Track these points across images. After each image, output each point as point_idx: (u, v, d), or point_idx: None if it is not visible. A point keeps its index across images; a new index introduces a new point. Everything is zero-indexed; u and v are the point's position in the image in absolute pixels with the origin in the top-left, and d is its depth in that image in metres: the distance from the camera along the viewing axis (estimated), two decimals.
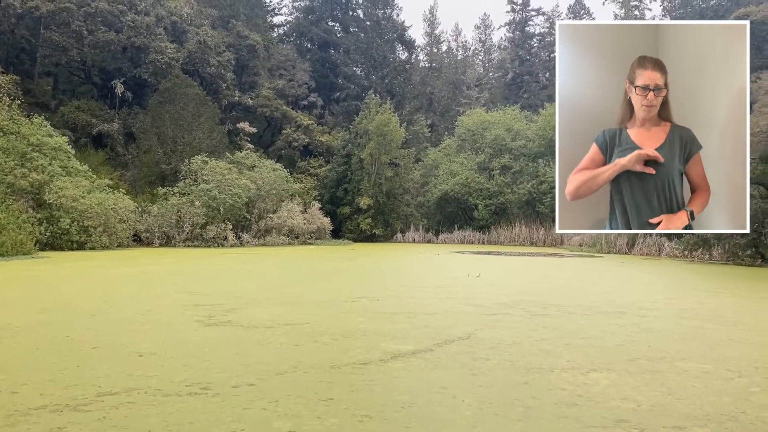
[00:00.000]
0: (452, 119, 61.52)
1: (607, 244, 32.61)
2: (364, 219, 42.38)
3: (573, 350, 6.63)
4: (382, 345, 6.73)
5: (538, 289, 13.17)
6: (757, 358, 6.41)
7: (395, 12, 60.36)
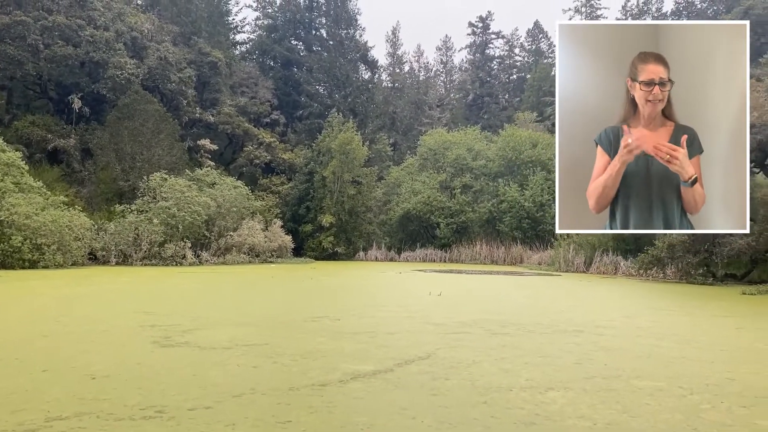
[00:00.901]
0: (414, 138, 62.06)
1: (565, 262, 33.13)
2: (327, 237, 42.21)
3: (531, 369, 6.70)
4: (342, 365, 6.69)
5: (498, 308, 13.29)
6: (708, 375, 6.58)
7: (358, 32, 60.87)
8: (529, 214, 43.90)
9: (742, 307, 14.62)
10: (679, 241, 22.43)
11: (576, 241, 33.94)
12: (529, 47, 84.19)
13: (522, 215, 44.02)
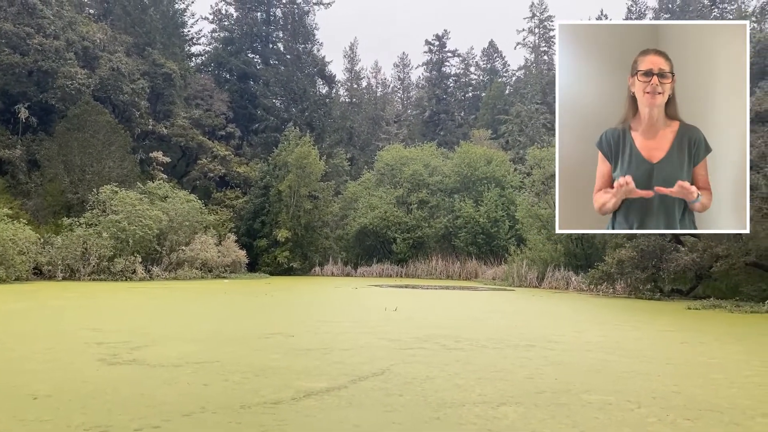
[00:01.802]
0: (372, 153, 62.27)
1: (518, 277, 33.62)
2: (282, 252, 41.80)
3: (484, 384, 6.75)
4: (295, 383, 6.61)
5: (453, 323, 13.36)
6: (655, 388, 6.75)
7: (315, 47, 60.92)
8: (483, 229, 44.45)
9: (687, 322, 15.09)
10: (627, 257, 23.03)
11: (529, 257, 34.51)
12: (484, 66, 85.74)
13: (477, 231, 44.53)
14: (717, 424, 5.28)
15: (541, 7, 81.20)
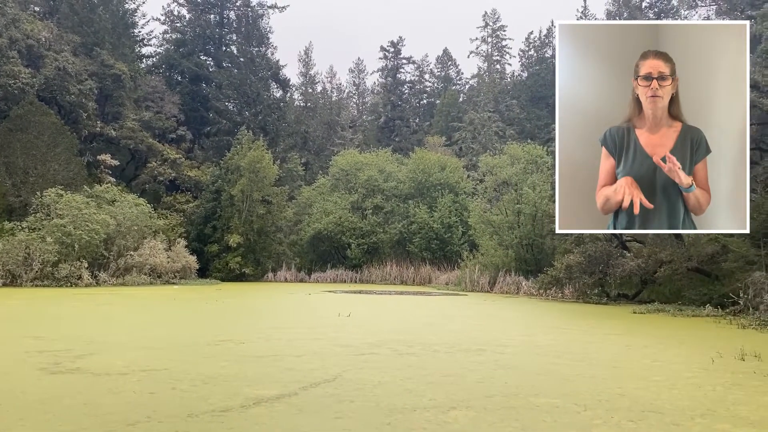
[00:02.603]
0: (327, 158, 62.07)
1: (471, 282, 34.01)
2: (234, 257, 41.20)
3: (435, 388, 6.79)
4: (244, 390, 6.52)
5: (406, 328, 13.41)
6: (601, 391, 6.91)
7: (270, 50, 60.47)
8: (437, 235, 44.82)
9: (633, 326, 15.52)
10: (575, 262, 23.57)
11: (481, 262, 34.97)
12: (438, 73, 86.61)
13: (431, 236, 44.88)
14: (659, 425, 5.44)
15: (493, 17, 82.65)
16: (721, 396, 6.71)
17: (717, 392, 6.92)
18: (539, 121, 67.31)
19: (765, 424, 5.49)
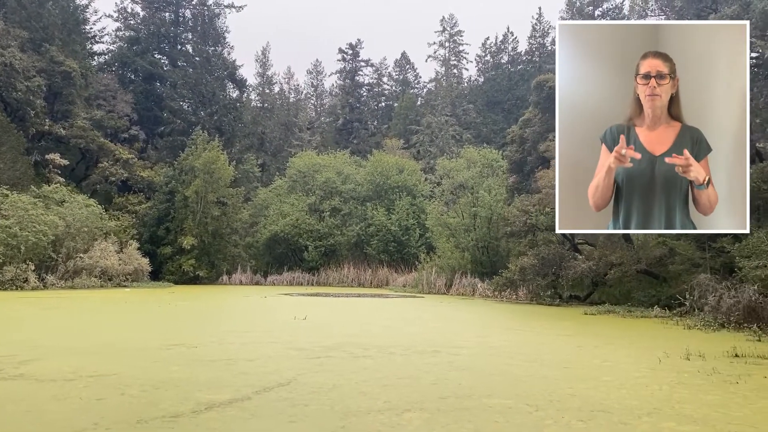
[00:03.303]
0: (284, 160, 61.56)
1: (427, 284, 34.22)
2: (187, 260, 40.45)
3: (390, 391, 6.79)
4: (196, 395, 6.40)
5: (362, 331, 13.40)
6: (553, 391, 7.03)
7: (226, 50, 59.66)
8: (395, 237, 44.95)
9: (584, 327, 15.86)
10: (529, 264, 23.95)
11: (438, 264, 35.22)
12: (396, 77, 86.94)
13: (389, 239, 44.98)
14: (607, 424, 5.57)
15: (451, 22, 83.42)
16: (667, 395, 6.91)
17: (663, 391, 7.12)
18: (495, 125, 68.25)
19: (708, 422, 5.67)
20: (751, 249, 14.46)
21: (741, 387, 7.41)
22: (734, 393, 7.04)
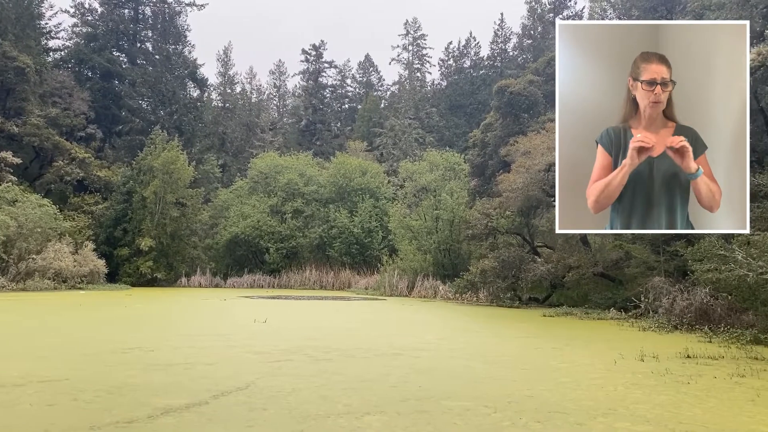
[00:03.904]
0: (245, 161, 60.90)
1: (389, 287, 34.27)
2: (145, 262, 39.66)
3: (350, 394, 6.77)
4: (152, 400, 6.27)
5: (323, 334, 13.33)
6: (511, 393, 7.11)
7: (187, 49, 58.75)
8: (357, 239, 44.90)
9: (542, 329, 16.10)
10: (490, 267, 24.21)
11: (400, 267, 35.31)
12: (360, 79, 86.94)
13: (351, 241, 44.90)
14: (563, 424, 5.65)
15: (414, 25, 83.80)
16: (621, 395, 7.06)
17: (618, 392, 7.27)
18: (457, 129, 68.82)
19: (660, 422, 5.81)
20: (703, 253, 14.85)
21: (692, 387, 7.61)
22: (686, 393, 7.23)
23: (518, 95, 32.22)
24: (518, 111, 32.18)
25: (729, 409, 6.40)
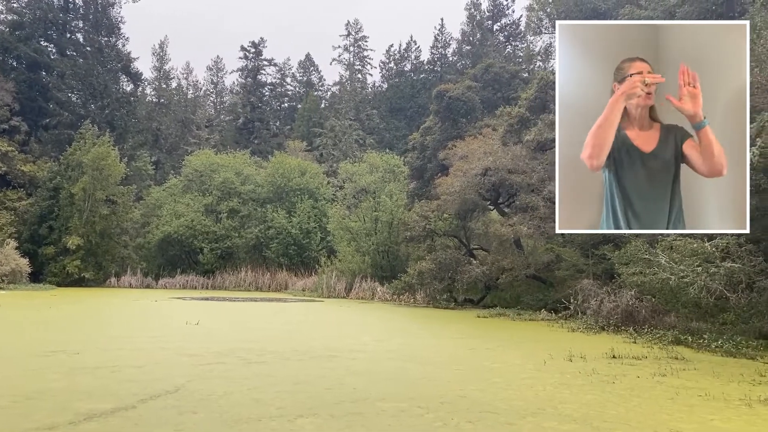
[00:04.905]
0: (180, 158, 59.37)
1: (327, 288, 34.12)
2: (72, 261, 38.04)
3: (283, 397, 6.70)
4: (75, 405, 6.02)
5: (258, 336, 13.15)
6: (444, 393, 7.20)
7: (120, 41, 56.75)
8: (295, 240, 44.50)
9: (476, 329, 16.38)
10: (427, 268, 24.48)
11: (338, 268, 35.22)
12: (300, 78, 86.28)
13: (289, 242, 44.46)
14: (494, 424, 5.77)
15: (356, 26, 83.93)
16: (550, 395, 7.26)
17: (547, 391, 7.48)
18: (398, 131, 69.26)
19: (586, 421, 6.01)
20: (629, 256, 15.47)
21: (617, 386, 7.91)
22: (611, 392, 7.51)
23: (457, 100, 32.70)
24: (456, 116, 32.65)
25: (650, 408, 6.68)
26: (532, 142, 23.34)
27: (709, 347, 12.00)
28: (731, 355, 11.22)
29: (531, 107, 25.48)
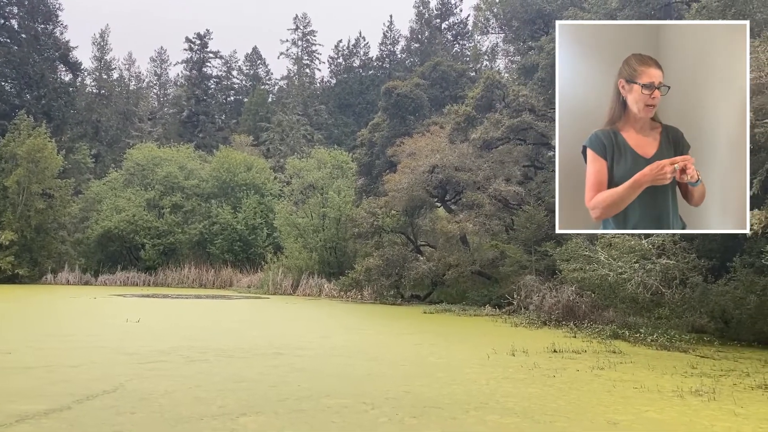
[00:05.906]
0: (121, 151, 57.59)
1: (273, 285, 33.78)
2: (5, 257, 36.41)
3: (226, 395, 6.59)
4: (6, 407, 5.77)
5: (200, 334, 12.91)
6: (389, 389, 7.23)
7: (59, 29, 54.63)
8: (241, 236, 43.84)
9: (422, 325, 16.54)
10: (375, 265, 24.54)
11: (285, 264, 34.92)
12: (247, 71, 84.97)
13: (234, 238, 43.76)
14: (438, 419, 5.83)
15: (304, 21, 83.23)
16: (493, 389, 7.39)
17: (490, 386, 7.61)
18: (346, 127, 69.12)
19: (528, 414, 6.14)
20: (570, 253, 15.90)
21: (557, 380, 8.12)
22: (551, 386, 7.70)
23: (405, 97, 32.83)
24: (405, 113, 32.78)
25: (588, 400, 6.88)
26: (479, 140, 23.67)
27: (645, 341, 12.44)
28: (665, 349, 11.68)
29: (477, 106, 25.83)
